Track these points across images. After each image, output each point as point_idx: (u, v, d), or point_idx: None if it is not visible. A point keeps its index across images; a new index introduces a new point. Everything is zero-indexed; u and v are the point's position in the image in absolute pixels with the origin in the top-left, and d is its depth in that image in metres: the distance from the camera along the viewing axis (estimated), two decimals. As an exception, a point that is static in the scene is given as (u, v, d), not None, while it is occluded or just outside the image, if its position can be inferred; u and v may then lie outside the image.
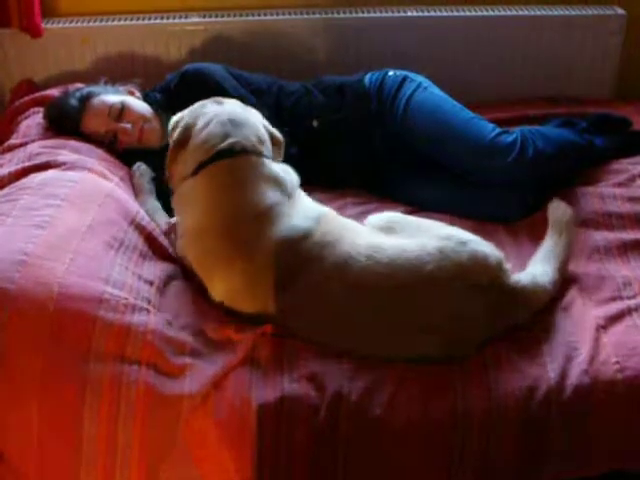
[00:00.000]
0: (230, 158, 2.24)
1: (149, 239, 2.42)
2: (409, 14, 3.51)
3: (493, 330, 2.10)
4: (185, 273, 2.33)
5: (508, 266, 2.18)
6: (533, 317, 2.18)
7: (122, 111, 2.82)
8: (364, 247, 2.10)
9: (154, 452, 1.94)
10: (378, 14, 3.50)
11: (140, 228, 2.42)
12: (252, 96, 2.87)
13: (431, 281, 2.05)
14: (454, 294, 2.06)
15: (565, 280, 2.32)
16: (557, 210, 2.45)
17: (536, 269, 2.25)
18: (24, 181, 2.45)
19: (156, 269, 2.32)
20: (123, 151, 2.83)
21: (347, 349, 2.04)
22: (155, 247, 2.42)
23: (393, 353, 2.04)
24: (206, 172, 2.25)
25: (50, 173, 2.50)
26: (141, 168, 2.73)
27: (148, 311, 2.09)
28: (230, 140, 2.25)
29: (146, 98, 2.97)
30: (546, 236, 2.38)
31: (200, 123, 2.30)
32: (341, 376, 1.97)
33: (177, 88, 2.92)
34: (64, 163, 2.56)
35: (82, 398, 1.92)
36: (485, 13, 3.53)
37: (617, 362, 2.01)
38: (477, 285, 2.07)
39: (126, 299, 2.07)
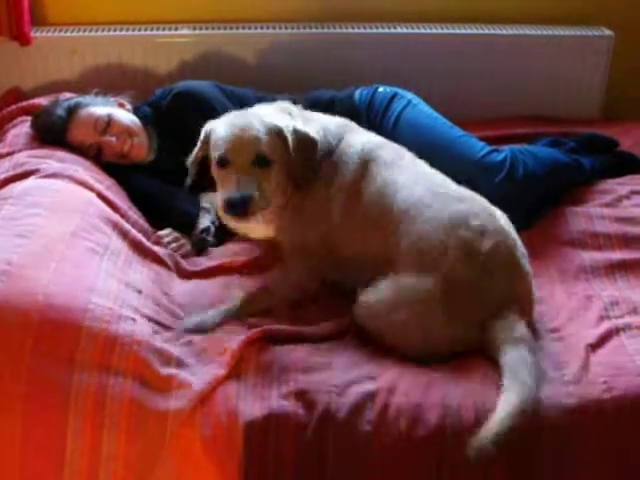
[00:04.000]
0: None
1: (134, 244, 2.44)
2: (399, 30, 3.53)
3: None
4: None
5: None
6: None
7: (108, 124, 2.80)
8: None
9: (139, 467, 1.91)
10: (368, 30, 3.52)
11: (124, 233, 2.44)
12: None
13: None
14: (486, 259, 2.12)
15: (552, 300, 2.35)
16: None
17: None
18: (4, 191, 2.44)
19: (143, 275, 2.33)
20: (108, 165, 2.81)
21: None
22: (140, 251, 2.44)
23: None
24: None
25: (30, 182, 2.49)
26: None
27: (134, 320, 2.07)
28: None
29: (136, 112, 2.95)
30: None
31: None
32: (330, 392, 1.95)
33: (168, 108, 2.90)
34: (46, 171, 2.55)
35: (66, 410, 1.90)
36: (474, 31, 3.56)
37: (605, 382, 2.00)
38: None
39: (111, 309, 2.05)
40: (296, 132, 2.30)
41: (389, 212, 2.25)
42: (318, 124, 2.43)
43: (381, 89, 3.03)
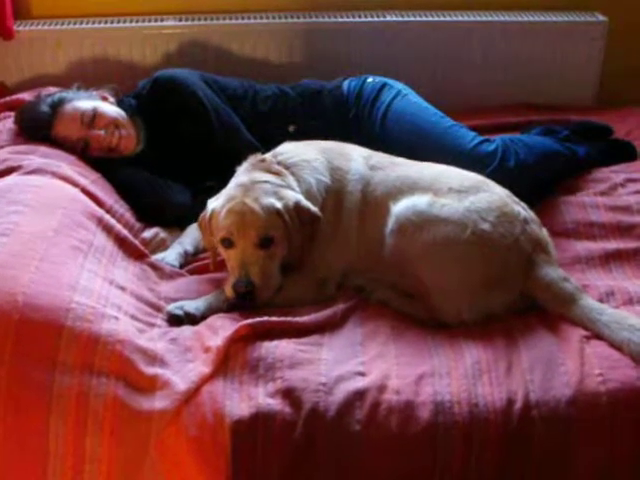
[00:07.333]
0: None
1: (119, 239, 2.42)
2: (388, 19, 3.51)
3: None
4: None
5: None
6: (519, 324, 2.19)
7: (94, 118, 2.77)
8: None
9: (124, 468, 1.89)
10: (357, 19, 3.50)
11: (108, 229, 2.41)
12: (227, 106, 2.85)
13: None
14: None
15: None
16: None
17: None
18: None
19: (127, 272, 2.30)
20: (95, 158, 2.78)
21: None
22: (125, 247, 2.42)
23: None
24: None
25: (12, 179, 2.46)
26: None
27: (117, 319, 2.04)
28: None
29: (120, 104, 2.92)
30: None
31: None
32: (318, 390, 1.92)
33: (149, 95, 2.88)
34: (28, 167, 2.51)
35: (48, 411, 1.87)
36: (466, 19, 3.54)
37: (601, 374, 1.98)
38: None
39: (94, 307, 2.02)
40: (297, 207, 2.26)
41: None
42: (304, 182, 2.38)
43: (370, 79, 3.00)
